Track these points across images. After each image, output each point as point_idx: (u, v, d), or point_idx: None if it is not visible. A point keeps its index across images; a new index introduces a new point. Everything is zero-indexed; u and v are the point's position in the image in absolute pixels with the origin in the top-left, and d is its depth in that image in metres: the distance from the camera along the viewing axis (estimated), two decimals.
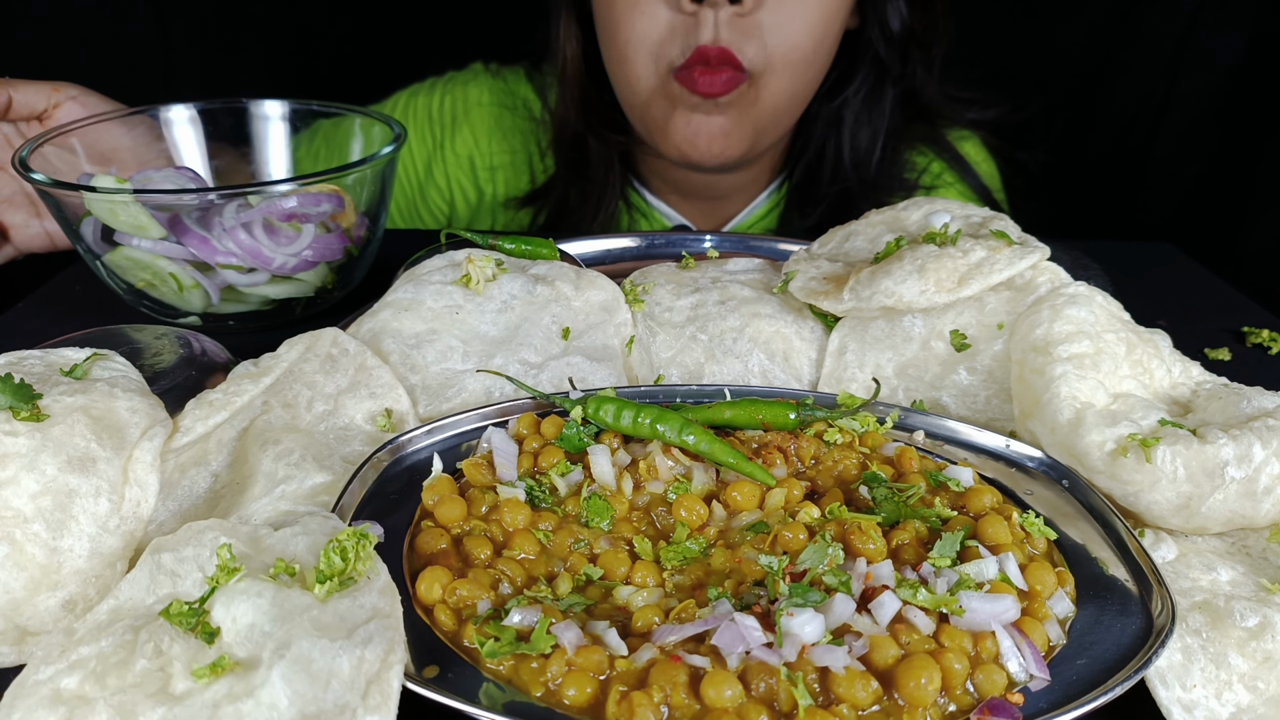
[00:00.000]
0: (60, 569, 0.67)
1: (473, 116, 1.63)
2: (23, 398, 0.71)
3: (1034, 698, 0.59)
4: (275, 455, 0.76)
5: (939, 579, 0.63)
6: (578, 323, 0.95)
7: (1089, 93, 2.19)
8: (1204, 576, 0.71)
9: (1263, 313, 1.26)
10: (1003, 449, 0.82)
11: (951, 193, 1.60)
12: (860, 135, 1.49)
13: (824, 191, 1.51)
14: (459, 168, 1.65)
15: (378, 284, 1.04)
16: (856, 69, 1.47)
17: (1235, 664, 0.64)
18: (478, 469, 0.75)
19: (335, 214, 1.10)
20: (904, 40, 1.45)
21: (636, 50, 1.34)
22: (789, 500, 0.73)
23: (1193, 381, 0.88)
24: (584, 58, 1.47)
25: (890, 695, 0.57)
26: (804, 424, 0.80)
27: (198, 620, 0.57)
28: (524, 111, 1.62)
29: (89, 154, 1.17)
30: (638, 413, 0.77)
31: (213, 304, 1.09)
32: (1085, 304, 0.86)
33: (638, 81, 1.36)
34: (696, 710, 0.56)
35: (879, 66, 1.47)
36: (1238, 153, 2.10)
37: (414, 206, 1.70)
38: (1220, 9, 2.02)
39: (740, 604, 0.62)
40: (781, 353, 0.95)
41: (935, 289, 0.88)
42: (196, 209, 1.05)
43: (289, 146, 1.30)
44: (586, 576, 0.67)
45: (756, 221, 1.60)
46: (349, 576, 0.58)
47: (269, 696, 0.51)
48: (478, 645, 0.59)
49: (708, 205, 1.60)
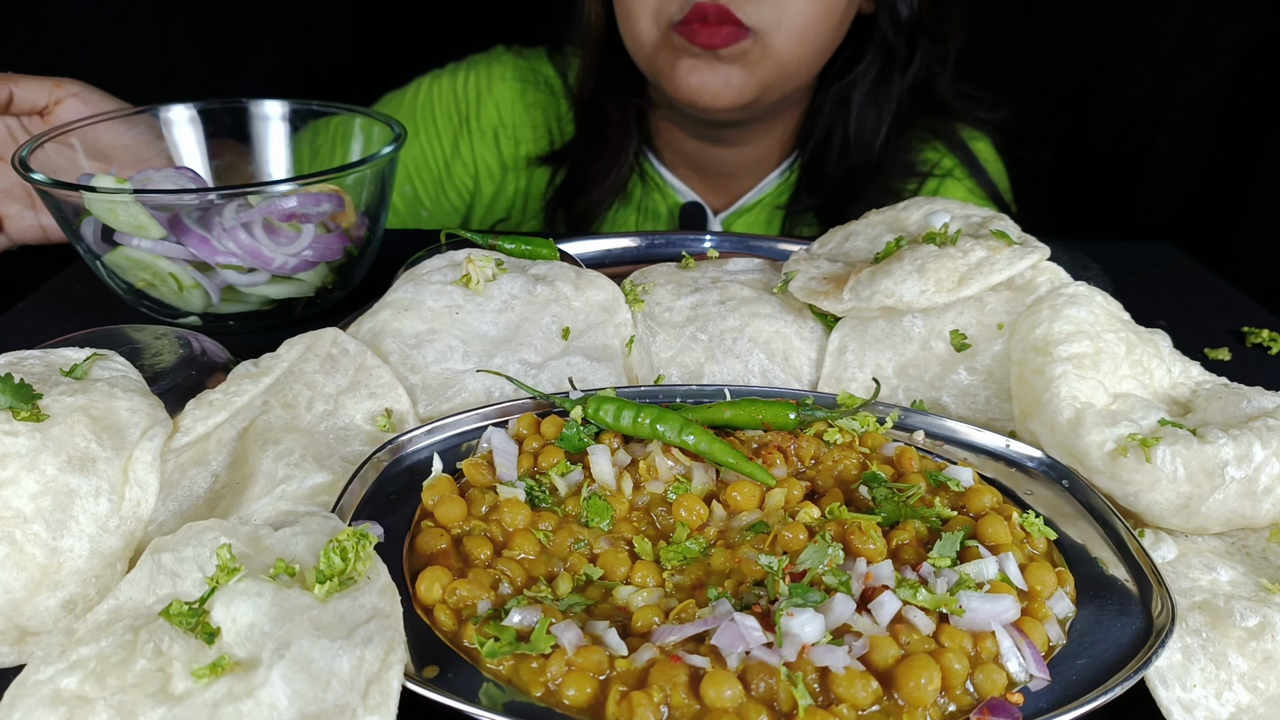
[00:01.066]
0: (60, 569, 0.67)
1: (496, 91, 1.67)
2: (23, 398, 0.71)
3: (1034, 698, 0.59)
4: (275, 455, 0.76)
5: (939, 579, 0.63)
6: (578, 323, 0.95)
7: (1089, 93, 2.19)
8: (1204, 576, 0.71)
9: (1263, 313, 1.26)
10: (1003, 449, 0.82)
11: (960, 188, 1.62)
12: (866, 118, 1.52)
13: (830, 171, 1.55)
14: (484, 143, 1.67)
15: (378, 284, 1.04)
16: (866, 52, 1.51)
17: (1235, 664, 0.64)
18: (478, 469, 0.75)
19: (335, 214, 1.10)
20: (912, 28, 1.49)
21: (639, 7, 1.39)
22: (789, 500, 0.73)
23: (1193, 381, 0.88)
24: (606, 21, 1.52)
25: (890, 695, 0.57)
26: (804, 424, 0.80)
27: (198, 620, 0.57)
28: (545, 87, 1.66)
29: (88, 151, 1.17)
30: (638, 413, 0.77)
31: (213, 304, 1.09)
32: (1085, 304, 0.86)
33: (642, 35, 1.42)
34: (696, 710, 0.56)
35: (887, 52, 1.50)
36: (1238, 153, 2.10)
37: (440, 185, 1.71)
38: (1220, 9, 2.02)
39: (740, 604, 0.62)
40: (781, 353, 0.95)
41: (935, 289, 0.88)
42: (196, 209, 1.05)
43: (289, 146, 1.30)
44: (586, 576, 0.67)
45: (766, 200, 1.63)
46: (349, 576, 0.58)
47: (269, 696, 0.51)
48: (478, 645, 0.59)
49: (719, 181, 1.63)
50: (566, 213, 1.61)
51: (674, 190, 1.63)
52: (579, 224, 1.60)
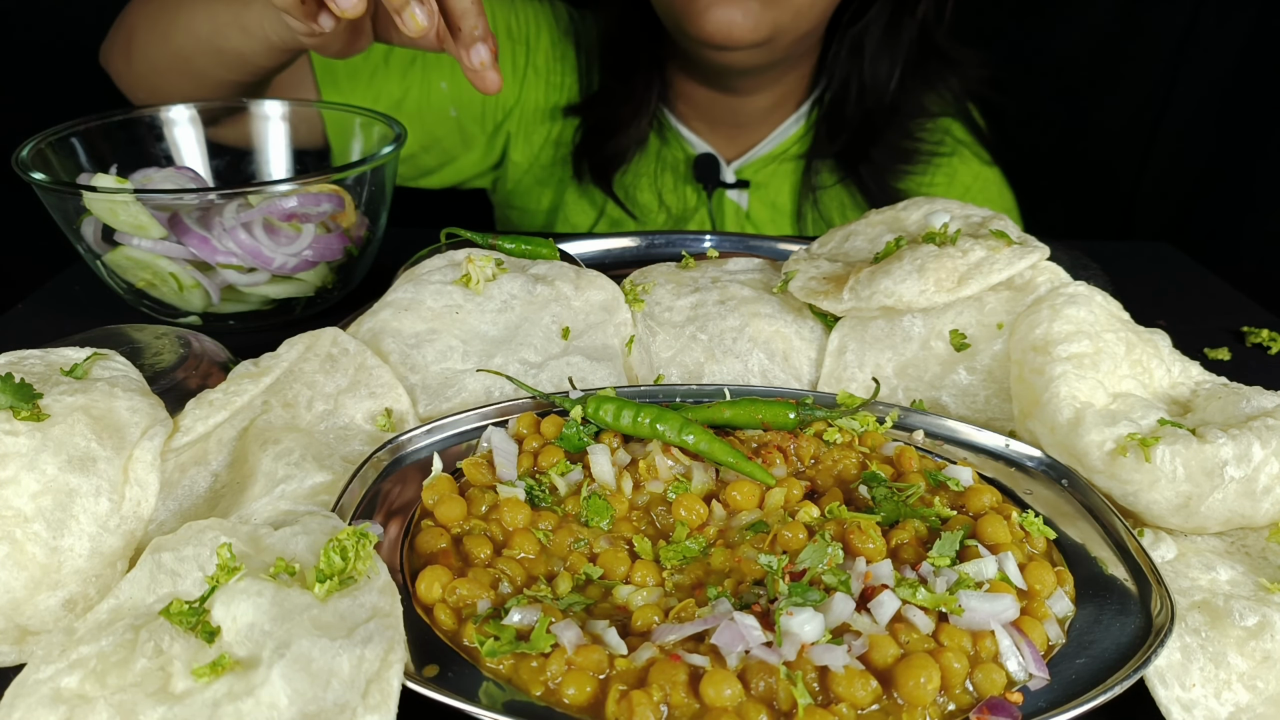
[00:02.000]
0: (61, 568, 0.67)
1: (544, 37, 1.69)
2: (23, 397, 0.71)
3: (1033, 697, 0.59)
4: (275, 455, 0.76)
5: (938, 578, 0.63)
6: (578, 322, 0.95)
7: (1089, 93, 2.19)
8: (1203, 576, 0.71)
9: (1263, 313, 1.26)
10: (1002, 448, 0.82)
11: (967, 156, 1.67)
12: (881, 62, 1.57)
13: (850, 115, 1.59)
14: (535, 85, 1.68)
15: (378, 284, 1.04)
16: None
17: (1234, 663, 0.64)
18: (478, 468, 0.75)
19: (335, 214, 1.10)
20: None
21: None
22: (788, 500, 0.73)
23: (1192, 381, 0.88)
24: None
25: (890, 694, 0.57)
26: (804, 423, 0.80)
27: (198, 619, 0.57)
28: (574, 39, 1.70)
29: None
30: (637, 412, 0.77)
31: (213, 304, 1.09)
32: (1085, 304, 0.86)
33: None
34: (696, 709, 0.56)
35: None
36: (1238, 153, 2.10)
37: (482, 113, 1.69)
38: (1220, 9, 2.02)
39: (740, 603, 0.62)
40: (781, 352, 0.95)
41: (935, 289, 0.88)
42: (196, 209, 1.05)
43: (289, 146, 1.30)
44: (586, 576, 0.67)
45: (782, 150, 1.66)
46: (349, 576, 0.58)
47: (269, 695, 0.51)
48: (477, 644, 0.59)
49: (732, 133, 1.67)
50: (591, 160, 1.64)
51: (687, 141, 1.67)
52: (603, 173, 1.64)
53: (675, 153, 1.67)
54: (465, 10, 1.02)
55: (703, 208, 1.65)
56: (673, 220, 1.66)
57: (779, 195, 1.67)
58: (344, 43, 1.11)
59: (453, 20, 1.03)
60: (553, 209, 1.72)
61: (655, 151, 1.66)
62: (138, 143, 1.22)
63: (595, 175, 1.64)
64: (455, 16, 1.03)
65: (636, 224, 1.67)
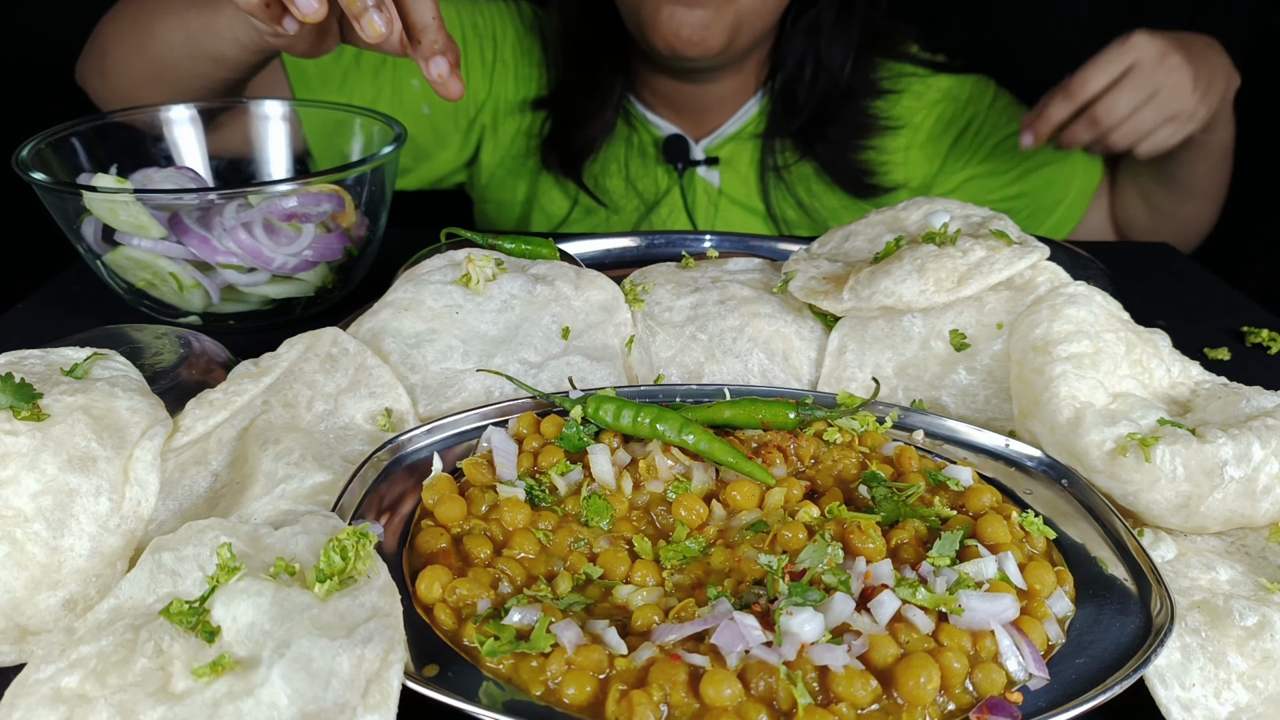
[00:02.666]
0: (61, 568, 0.67)
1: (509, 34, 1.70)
2: (23, 397, 0.71)
3: (1033, 696, 0.59)
4: (275, 454, 0.76)
5: (938, 578, 0.64)
6: (577, 322, 0.95)
7: None
8: (1203, 576, 0.71)
9: (1263, 313, 1.26)
10: (1002, 448, 0.82)
11: (922, 85, 1.70)
12: (835, 46, 1.62)
13: (803, 98, 1.64)
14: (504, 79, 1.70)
15: (378, 284, 1.04)
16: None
17: (1234, 663, 0.64)
18: (478, 468, 0.75)
19: (335, 214, 1.10)
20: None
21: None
22: (788, 500, 0.73)
23: (1192, 381, 0.88)
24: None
25: (889, 694, 0.57)
26: (804, 423, 0.80)
27: (198, 619, 0.57)
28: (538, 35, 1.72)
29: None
30: (637, 412, 0.77)
31: (213, 304, 1.09)
32: (1084, 304, 0.86)
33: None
34: (696, 709, 0.56)
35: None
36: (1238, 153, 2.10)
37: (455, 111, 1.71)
38: (1220, 8, 2.02)
39: (740, 603, 0.62)
40: (781, 352, 0.95)
41: (935, 289, 0.88)
42: (196, 209, 1.05)
43: (289, 146, 1.30)
44: (586, 576, 0.67)
45: (744, 130, 1.70)
46: (349, 575, 0.58)
47: (269, 695, 0.51)
48: (477, 644, 0.59)
49: (696, 117, 1.70)
50: (560, 152, 1.66)
51: (655, 127, 1.70)
52: (572, 164, 1.66)
53: (643, 137, 1.69)
54: (425, 25, 1.04)
55: (674, 188, 1.67)
56: (644, 204, 1.68)
57: (749, 172, 1.70)
58: (310, 43, 1.12)
59: (413, 32, 1.05)
60: (528, 200, 1.73)
61: (624, 137, 1.69)
62: (138, 143, 1.22)
63: (564, 166, 1.66)
64: (415, 30, 1.05)
65: (608, 211, 1.69)
